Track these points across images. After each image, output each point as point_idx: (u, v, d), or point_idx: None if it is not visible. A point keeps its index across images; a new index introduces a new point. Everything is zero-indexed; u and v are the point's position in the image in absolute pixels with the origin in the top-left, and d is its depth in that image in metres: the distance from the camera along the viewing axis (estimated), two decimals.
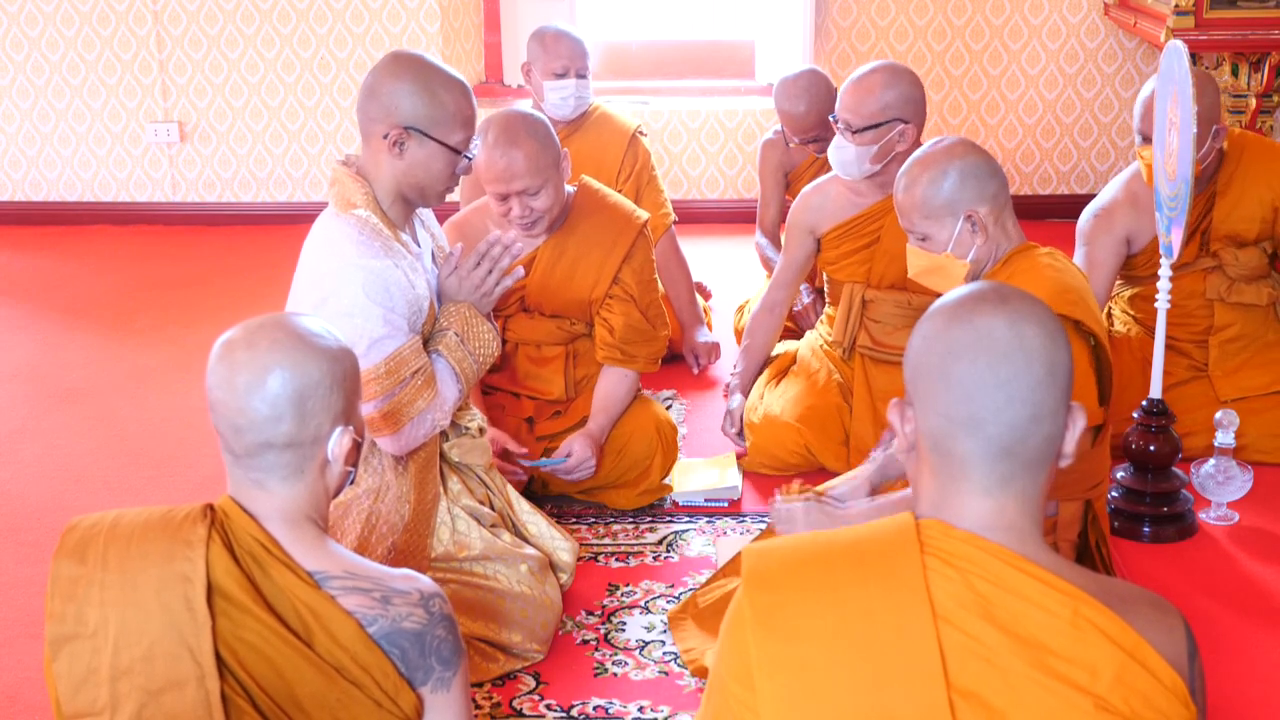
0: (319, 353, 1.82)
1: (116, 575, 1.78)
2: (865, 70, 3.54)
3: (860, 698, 1.44)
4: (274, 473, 1.82)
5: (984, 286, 1.59)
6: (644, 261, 3.43)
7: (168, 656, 1.75)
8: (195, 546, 1.77)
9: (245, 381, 1.78)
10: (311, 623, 1.77)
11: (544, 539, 2.99)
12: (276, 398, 1.78)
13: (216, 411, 1.82)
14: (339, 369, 1.84)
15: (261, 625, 1.76)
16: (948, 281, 2.84)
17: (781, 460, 3.59)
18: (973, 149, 2.79)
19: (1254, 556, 3.18)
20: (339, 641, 1.77)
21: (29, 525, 3.46)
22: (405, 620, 1.80)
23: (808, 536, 1.57)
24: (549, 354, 3.47)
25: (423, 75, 2.66)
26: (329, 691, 1.76)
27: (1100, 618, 1.46)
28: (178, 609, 1.75)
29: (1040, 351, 1.51)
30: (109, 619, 1.77)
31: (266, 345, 1.80)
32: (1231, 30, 4.69)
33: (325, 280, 2.64)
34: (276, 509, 1.83)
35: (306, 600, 1.78)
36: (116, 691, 1.76)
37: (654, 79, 6.20)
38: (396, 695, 1.78)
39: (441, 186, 2.74)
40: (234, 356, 1.81)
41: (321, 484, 1.86)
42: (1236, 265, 3.65)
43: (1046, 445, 1.53)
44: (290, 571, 1.79)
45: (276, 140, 6.05)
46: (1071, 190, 5.98)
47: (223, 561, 1.77)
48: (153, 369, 4.49)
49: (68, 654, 1.78)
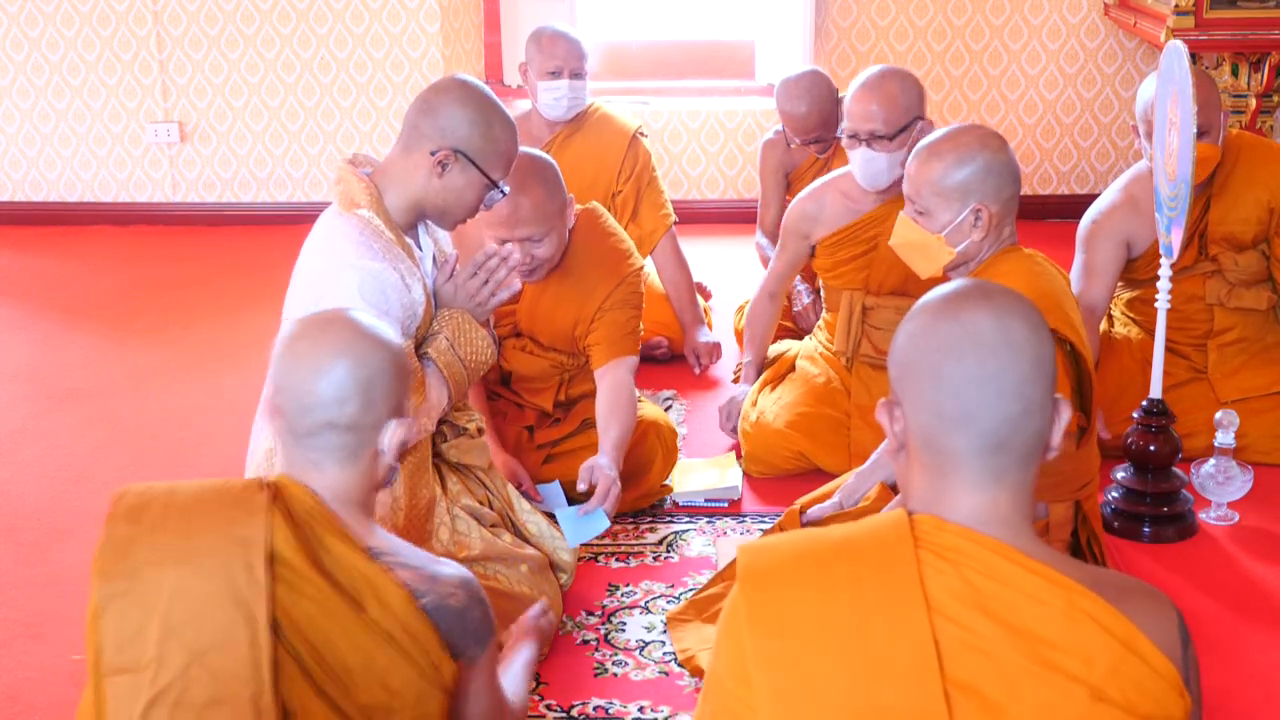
0: (383, 344, 1.94)
1: (175, 537, 1.84)
2: (873, 79, 3.49)
3: (856, 692, 1.45)
4: (332, 454, 1.91)
5: (967, 284, 1.60)
6: (627, 294, 3.36)
7: (221, 617, 1.80)
8: (256, 513, 1.84)
9: (313, 367, 1.89)
10: (365, 591, 1.86)
11: (544, 539, 2.99)
12: (343, 382, 1.89)
13: (283, 392, 1.91)
14: (401, 362, 1.96)
15: (317, 591, 1.83)
16: (927, 262, 2.84)
17: (776, 466, 3.58)
18: (1005, 148, 2.78)
19: (1254, 556, 3.18)
20: (391, 610, 1.86)
21: (29, 525, 3.46)
22: (449, 598, 1.90)
23: (802, 533, 1.58)
24: (541, 386, 3.48)
25: (485, 108, 2.73)
26: (378, 657, 1.85)
27: (1094, 608, 1.47)
28: (236, 571, 1.81)
29: (1026, 345, 1.53)
30: (164, 578, 1.82)
31: (333, 337, 1.92)
32: (1231, 30, 4.69)
33: (322, 279, 2.64)
34: (329, 491, 1.92)
35: (362, 569, 1.86)
36: (164, 649, 1.81)
37: (654, 79, 6.20)
38: (439, 665, 1.88)
39: (465, 214, 2.79)
40: (300, 347, 1.92)
41: (371, 474, 1.96)
42: (1236, 270, 3.65)
43: (1036, 439, 1.54)
44: (346, 543, 1.88)
45: (276, 140, 6.05)
46: (1071, 190, 5.98)
47: (283, 529, 1.84)
48: (153, 369, 4.49)
49: (117, 610, 1.82)
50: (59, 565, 3.24)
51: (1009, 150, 2.79)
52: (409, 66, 5.91)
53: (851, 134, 3.49)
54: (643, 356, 4.04)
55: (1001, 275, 2.70)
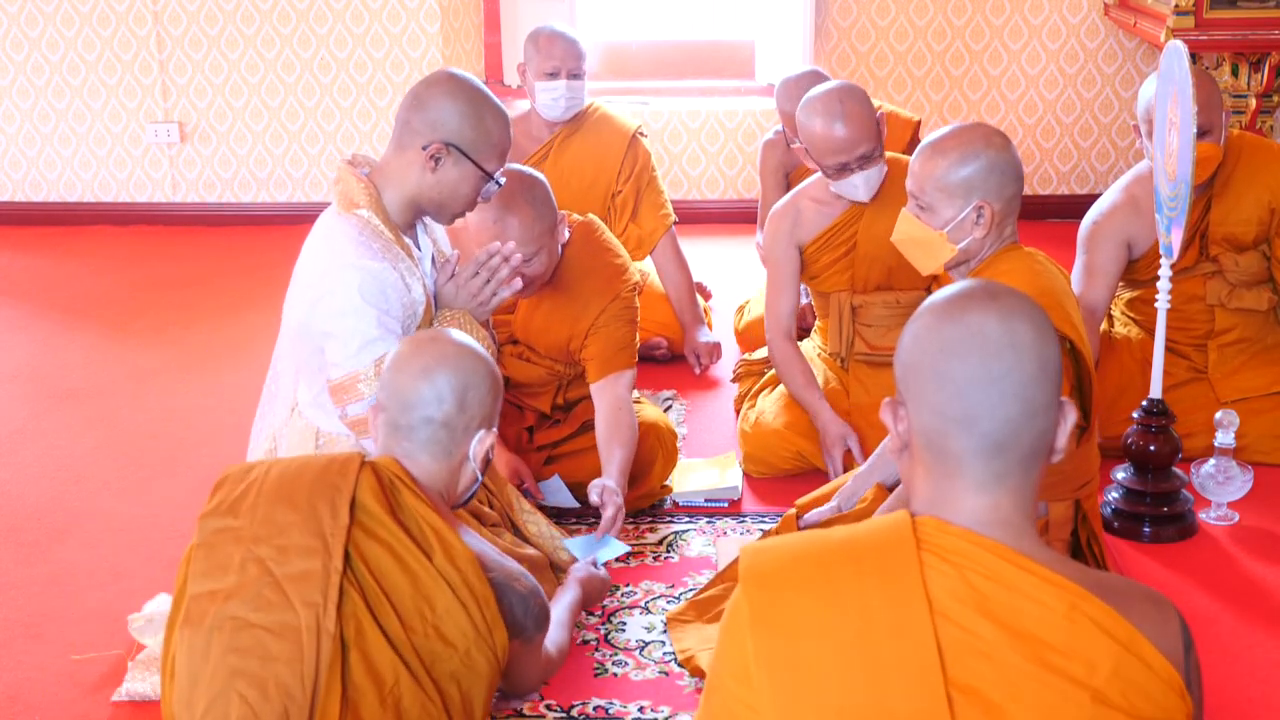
0: (479, 359, 2.26)
1: (275, 483, 2.14)
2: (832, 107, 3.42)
3: (859, 694, 1.45)
4: (427, 448, 2.22)
5: (973, 284, 1.59)
6: (621, 309, 3.34)
7: (302, 544, 2.07)
8: (349, 467, 2.15)
9: (417, 373, 2.23)
10: (434, 541, 2.12)
11: (544, 539, 2.99)
12: (443, 387, 2.23)
13: (388, 391, 2.25)
14: (494, 376, 2.28)
15: (390, 535, 2.10)
16: (928, 259, 2.84)
17: (774, 466, 3.58)
18: (1009, 146, 2.78)
19: (1254, 556, 3.18)
20: (455, 562, 2.11)
21: (29, 525, 3.45)
22: (515, 581, 2.20)
23: (804, 535, 1.58)
24: (537, 391, 3.48)
25: (475, 99, 2.72)
26: (437, 602, 2.08)
27: (1096, 611, 1.47)
28: (322, 508, 2.09)
29: (1031, 347, 1.52)
30: (259, 512, 2.10)
31: (436, 351, 2.25)
32: (1231, 30, 4.69)
33: (323, 279, 2.65)
34: (418, 477, 2.20)
35: (433, 523, 2.13)
36: (245, 566, 2.06)
37: (654, 79, 6.20)
38: (494, 627, 2.12)
39: (461, 207, 2.78)
40: (409, 357, 2.25)
41: (456, 477, 2.26)
42: (1237, 270, 3.64)
43: (1039, 441, 1.54)
44: (422, 502, 2.15)
45: (276, 140, 6.05)
46: (1071, 190, 5.99)
47: (370, 481, 2.14)
48: (153, 369, 4.49)
49: (212, 539, 2.10)
50: (59, 565, 3.24)
51: (1012, 149, 2.79)
52: (409, 66, 5.91)
53: (842, 165, 3.43)
54: (642, 356, 4.05)
55: (1002, 273, 2.70)
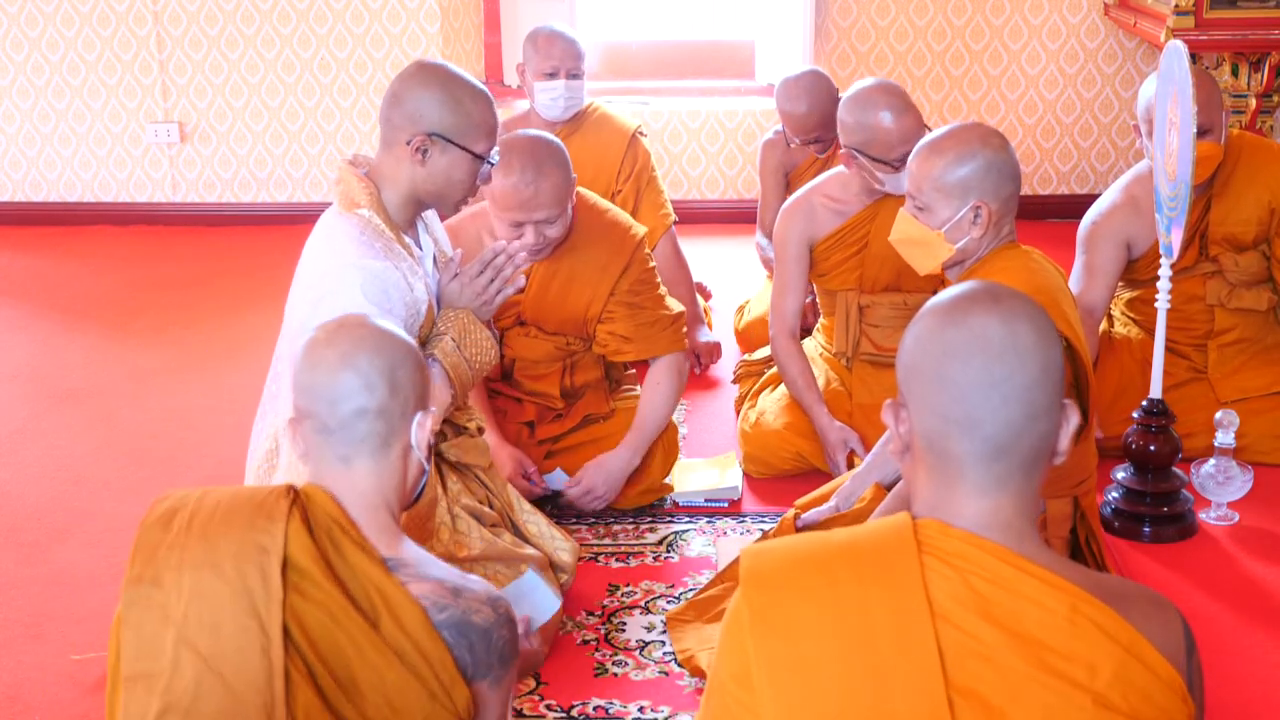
0: (398, 338, 1.95)
1: (198, 541, 1.84)
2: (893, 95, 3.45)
3: (859, 697, 1.44)
4: (365, 445, 1.90)
5: (976, 286, 1.59)
6: (641, 272, 3.39)
7: (237, 625, 1.79)
8: (276, 520, 1.83)
9: (336, 363, 1.90)
10: (380, 606, 1.83)
11: (544, 539, 2.99)
12: (368, 371, 1.90)
13: (308, 394, 1.91)
14: (417, 353, 1.97)
15: (331, 602, 1.81)
16: (927, 258, 2.84)
17: (775, 467, 3.58)
18: (1006, 146, 2.78)
19: (1254, 556, 3.18)
20: (404, 628, 1.82)
21: (29, 525, 3.45)
22: (474, 614, 1.86)
23: (805, 537, 1.57)
24: (545, 370, 3.47)
25: (449, 84, 2.70)
26: (387, 675, 1.81)
27: (1098, 614, 1.47)
28: (252, 578, 1.80)
29: (1034, 351, 1.52)
30: (184, 582, 1.82)
31: (349, 336, 1.93)
32: (1231, 30, 4.69)
33: (324, 279, 2.64)
34: (359, 492, 1.90)
35: (378, 583, 1.83)
36: (179, 656, 1.80)
37: (654, 79, 6.20)
38: (451, 688, 1.84)
39: (461, 194, 2.76)
40: (320, 351, 1.92)
41: (402, 471, 1.94)
42: (1236, 270, 3.65)
43: (1041, 444, 1.54)
44: (364, 553, 1.85)
45: (277, 140, 6.05)
46: (1071, 190, 5.99)
47: (300, 537, 1.83)
48: (153, 369, 4.49)
49: (139, 614, 1.82)
50: (59, 565, 3.24)
51: (1010, 149, 2.79)
52: None
53: (904, 155, 3.30)
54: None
55: (999, 272, 2.71)
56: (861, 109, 3.46)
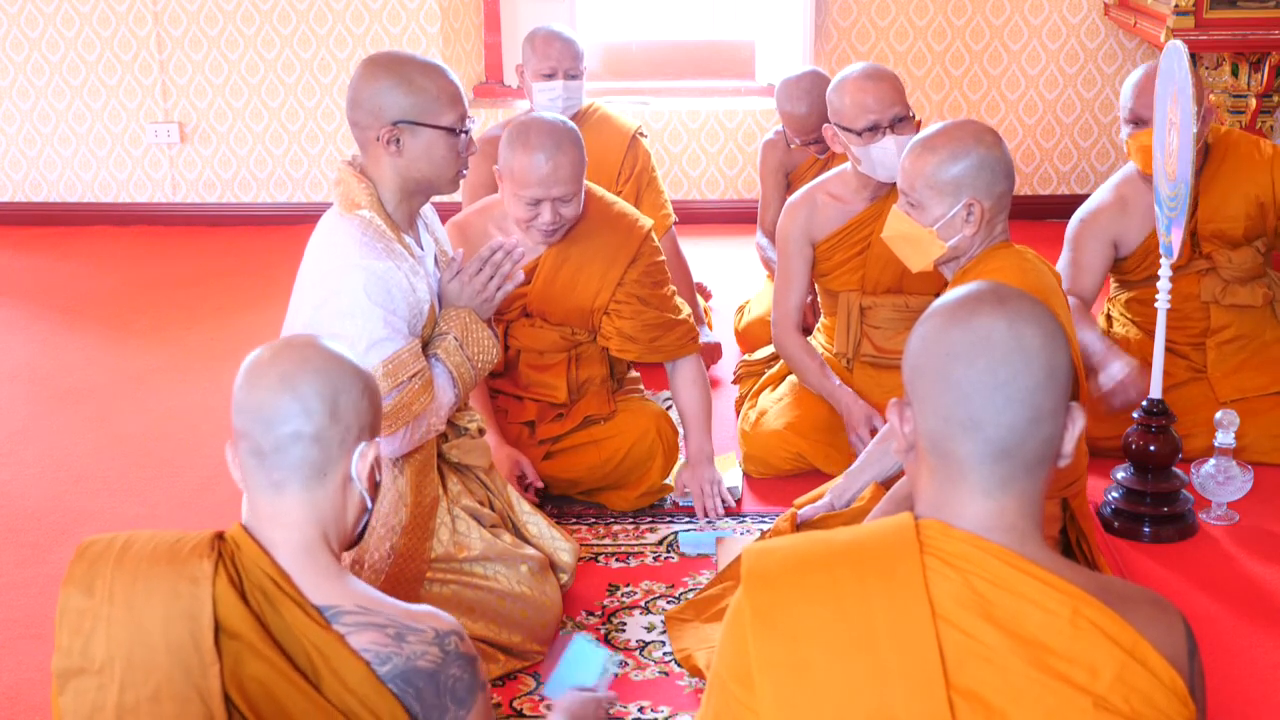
0: (346, 363, 1.81)
1: (123, 610, 1.72)
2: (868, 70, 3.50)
3: (860, 697, 1.44)
4: (298, 472, 1.76)
5: (982, 287, 1.58)
6: (649, 264, 3.40)
7: (176, 697, 1.70)
8: (201, 583, 1.71)
9: (275, 384, 1.76)
10: (320, 664, 1.72)
11: (544, 539, 2.99)
12: (308, 394, 1.76)
13: (245, 414, 1.78)
14: (367, 381, 1.82)
15: (269, 665, 1.70)
16: (919, 256, 2.84)
17: (775, 467, 3.58)
18: (999, 143, 2.78)
19: (1254, 556, 3.18)
20: (347, 685, 1.71)
21: (29, 525, 3.46)
22: (420, 659, 1.74)
23: (807, 536, 1.57)
24: (550, 360, 3.47)
25: (396, 69, 2.70)
26: None
27: (1100, 617, 1.46)
28: (185, 648, 1.70)
29: (1039, 353, 1.51)
30: (115, 656, 1.71)
31: (294, 356, 1.79)
32: (1231, 30, 4.69)
33: (327, 280, 2.65)
34: (294, 528, 1.77)
35: (315, 640, 1.72)
36: None
37: (654, 79, 6.20)
38: None
39: (450, 171, 2.75)
40: (261, 369, 1.79)
41: (341, 503, 1.81)
42: (1230, 267, 3.65)
43: (1045, 446, 1.53)
44: (300, 609, 1.73)
45: (276, 141, 6.05)
46: (1071, 190, 5.99)
47: (229, 598, 1.71)
48: (153, 369, 4.49)
49: (74, 689, 1.73)
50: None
51: (1003, 146, 2.79)
52: None
53: (872, 125, 3.42)
54: None
55: (992, 270, 2.71)
56: (835, 86, 3.55)
